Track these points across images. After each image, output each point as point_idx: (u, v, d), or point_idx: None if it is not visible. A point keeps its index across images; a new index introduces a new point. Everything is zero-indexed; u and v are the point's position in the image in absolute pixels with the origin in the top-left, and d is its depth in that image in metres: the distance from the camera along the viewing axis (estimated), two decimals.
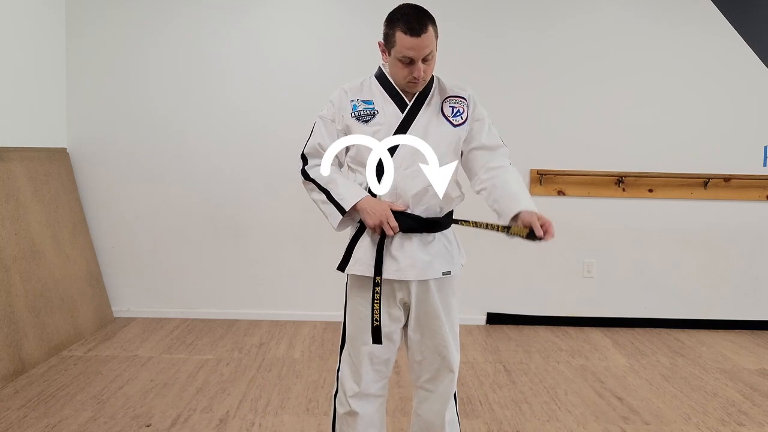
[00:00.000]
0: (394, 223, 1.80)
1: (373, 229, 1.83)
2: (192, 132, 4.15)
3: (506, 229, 1.83)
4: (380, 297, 1.86)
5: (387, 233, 1.81)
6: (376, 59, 1.94)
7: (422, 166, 1.84)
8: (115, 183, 4.15)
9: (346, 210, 1.85)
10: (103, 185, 4.14)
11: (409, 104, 1.87)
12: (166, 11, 4.08)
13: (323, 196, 1.90)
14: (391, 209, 1.83)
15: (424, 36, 1.74)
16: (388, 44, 1.82)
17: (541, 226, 1.76)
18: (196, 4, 4.08)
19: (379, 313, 1.86)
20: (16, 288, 3.25)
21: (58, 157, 3.95)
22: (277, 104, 4.12)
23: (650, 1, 4.13)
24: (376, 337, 1.87)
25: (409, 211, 1.86)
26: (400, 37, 1.75)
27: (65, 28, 4.05)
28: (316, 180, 1.91)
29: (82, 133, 4.12)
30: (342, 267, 1.92)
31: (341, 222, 1.89)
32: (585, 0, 4.14)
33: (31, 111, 3.74)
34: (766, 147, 4.20)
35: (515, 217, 1.82)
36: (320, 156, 1.92)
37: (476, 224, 1.88)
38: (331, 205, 1.88)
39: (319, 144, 1.92)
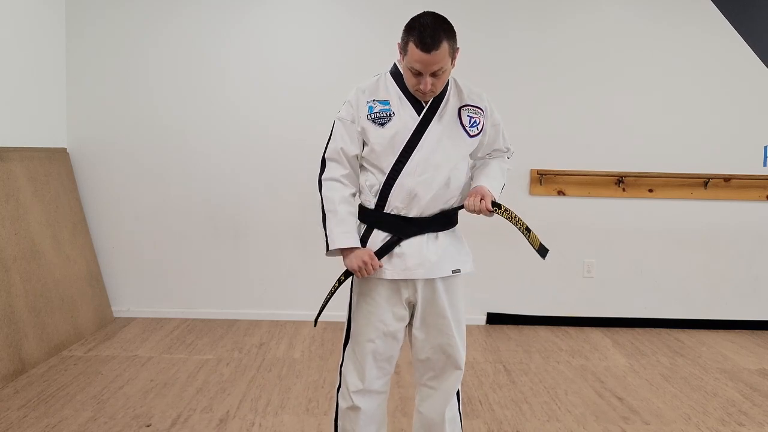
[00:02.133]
0: (377, 262, 1.84)
1: (356, 271, 1.85)
2: (192, 132, 4.14)
3: (527, 232, 1.85)
4: (338, 287, 1.96)
5: (369, 274, 1.85)
6: (377, 59, 1.95)
7: (436, 172, 1.85)
8: (115, 183, 4.15)
9: (329, 248, 1.89)
10: (103, 185, 4.14)
11: (426, 106, 1.88)
12: (166, 11, 4.08)
13: (321, 217, 1.92)
14: (399, 215, 1.86)
15: (434, 53, 1.71)
16: (402, 50, 1.81)
17: (481, 200, 1.82)
18: (196, 4, 4.08)
19: (330, 297, 1.97)
20: (16, 288, 3.25)
21: (58, 157, 3.94)
22: (277, 104, 4.12)
23: (650, 1, 4.13)
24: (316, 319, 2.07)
25: (418, 215, 1.87)
26: (412, 49, 1.74)
27: (65, 28, 4.05)
28: (323, 199, 1.91)
29: (82, 133, 4.12)
30: None
31: (329, 252, 1.93)
32: (585, 0, 4.14)
33: (31, 111, 3.74)
34: (766, 147, 4.20)
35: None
36: (341, 161, 1.90)
37: (507, 212, 1.84)
38: (324, 231, 1.91)
39: (342, 149, 1.89)
